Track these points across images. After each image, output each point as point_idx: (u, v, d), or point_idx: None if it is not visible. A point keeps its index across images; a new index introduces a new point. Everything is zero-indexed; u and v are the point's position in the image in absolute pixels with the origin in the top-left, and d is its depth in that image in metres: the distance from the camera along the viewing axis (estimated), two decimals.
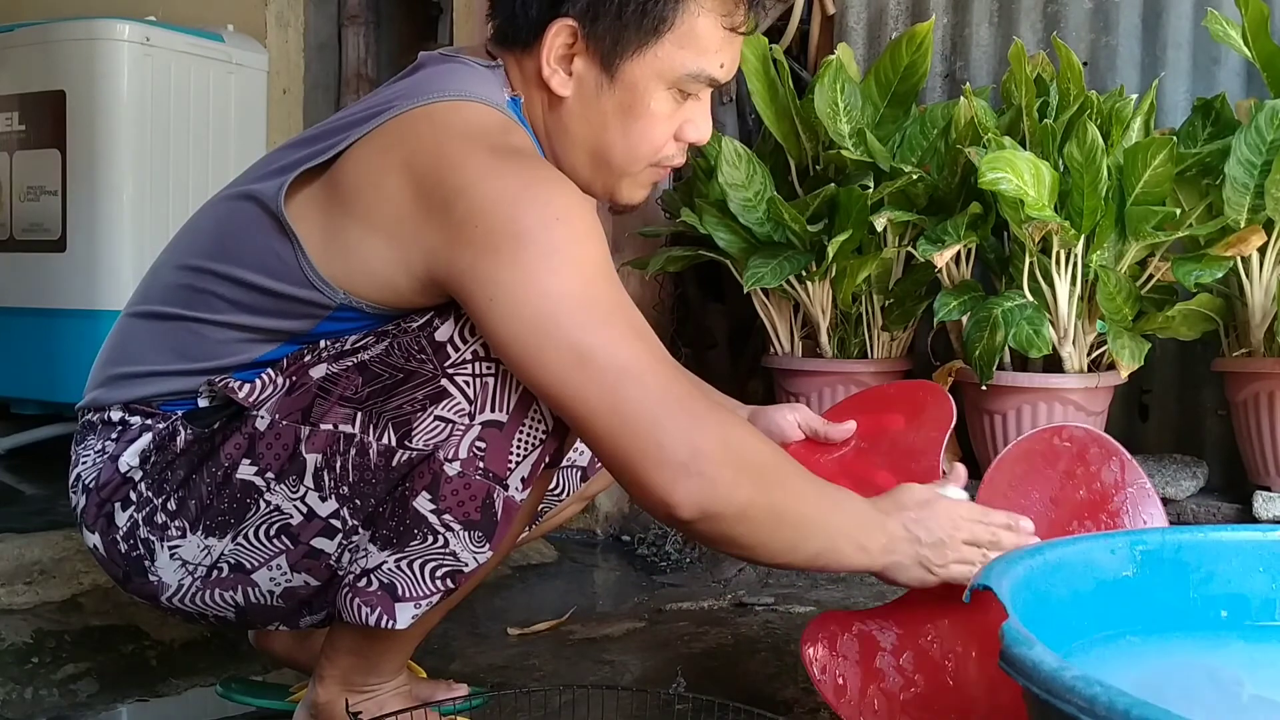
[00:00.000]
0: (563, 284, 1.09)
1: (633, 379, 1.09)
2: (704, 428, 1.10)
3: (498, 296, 1.09)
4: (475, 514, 1.17)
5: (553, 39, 1.23)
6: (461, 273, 1.11)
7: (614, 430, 1.10)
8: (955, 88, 2.54)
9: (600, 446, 1.12)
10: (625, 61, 1.23)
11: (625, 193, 1.32)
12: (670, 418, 1.09)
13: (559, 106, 1.27)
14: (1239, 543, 1.14)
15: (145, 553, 1.23)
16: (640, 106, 1.25)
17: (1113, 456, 1.32)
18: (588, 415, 1.10)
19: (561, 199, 1.12)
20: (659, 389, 1.10)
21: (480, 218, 1.10)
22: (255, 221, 1.21)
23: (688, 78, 1.25)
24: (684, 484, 1.09)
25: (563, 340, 1.09)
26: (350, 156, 1.18)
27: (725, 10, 1.24)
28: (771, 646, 1.73)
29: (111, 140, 2.83)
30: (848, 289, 2.25)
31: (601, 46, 1.23)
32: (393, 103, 1.20)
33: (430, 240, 1.13)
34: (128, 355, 1.29)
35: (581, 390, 1.09)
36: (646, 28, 1.22)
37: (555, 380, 1.10)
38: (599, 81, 1.24)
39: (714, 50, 1.25)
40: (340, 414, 1.17)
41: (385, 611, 1.18)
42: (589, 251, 1.11)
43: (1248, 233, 1.98)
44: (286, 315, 1.21)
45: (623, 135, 1.26)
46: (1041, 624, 0.88)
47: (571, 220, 1.11)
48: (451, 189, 1.12)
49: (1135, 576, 1.10)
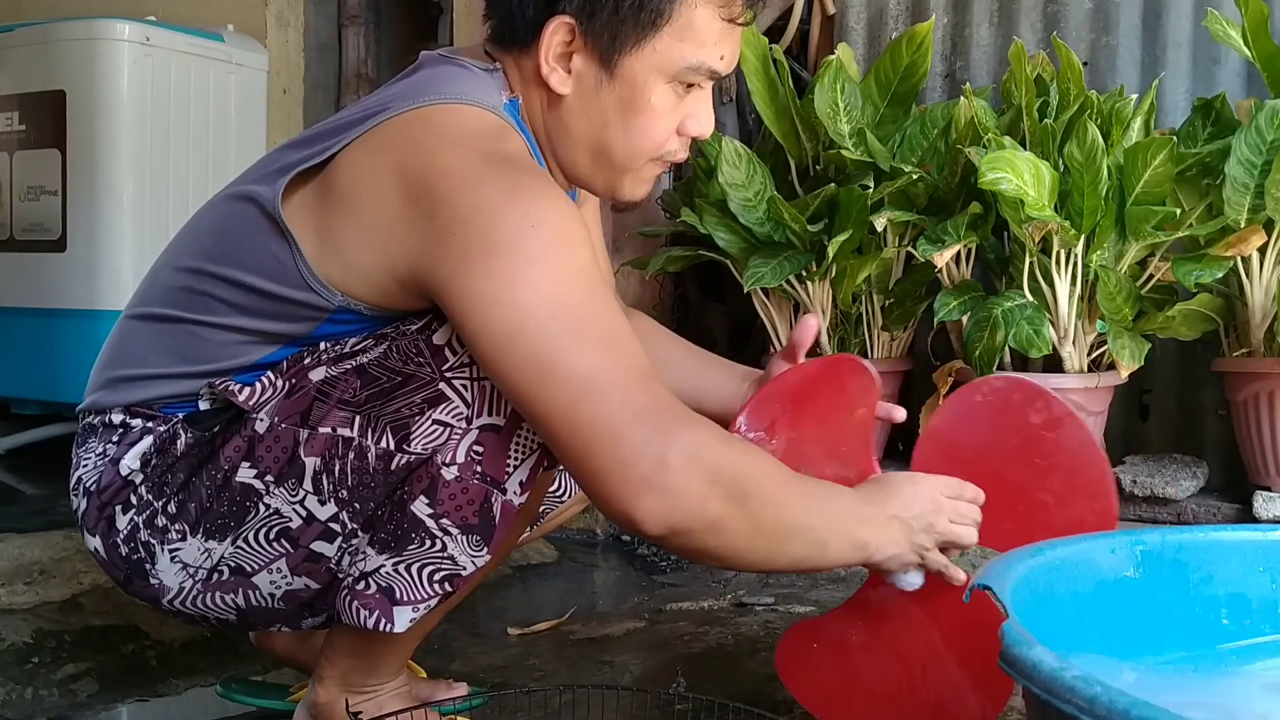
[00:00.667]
0: (531, 295, 1.07)
1: (593, 393, 1.06)
2: (670, 441, 1.06)
3: (471, 307, 1.09)
4: (473, 518, 1.17)
5: (550, 37, 1.22)
6: (441, 281, 1.10)
7: (576, 444, 1.08)
8: (955, 88, 2.54)
9: (565, 460, 1.11)
10: (624, 56, 1.22)
11: (628, 189, 1.31)
12: (631, 431, 1.06)
13: (559, 105, 1.26)
14: (1239, 543, 1.14)
15: (146, 556, 1.23)
16: (641, 101, 1.24)
17: (1037, 399, 1.32)
18: (551, 428, 1.09)
19: (541, 208, 1.10)
20: (620, 402, 1.06)
21: (459, 226, 1.09)
22: (253, 223, 1.21)
23: (688, 70, 1.24)
24: (647, 500, 1.06)
25: (526, 352, 1.07)
26: (344, 158, 1.18)
27: (723, 1, 1.23)
28: (771, 646, 1.72)
29: (111, 140, 2.82)
30: (848, 289, 2.25)
31: (600, 43, 1.22)
32: (388, 105, 1.20)
33: (414, 245, 1.12)
34: (128, 357, 1.28)
35: (544, 403, 1.08)
36: (644, 22, 1.21)
37: (521, 393, 1.09)
38: (598, 78, 1.23)
39: (713, 42, 1.24)
40: (339, 417, 1.17)
41: (383, 615, 1.18)
42: (564, 260, 1.09)
43: (1248, 233, 1.98)
44: (285, 318, 1.21)
45: (624, 131, 1.25)
46: (1041, 624, 0.88)
47: (547, 228, 1.09)
48: (437, 196, 1.11)
49: (1135, 576, 1.10)
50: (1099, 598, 1.08)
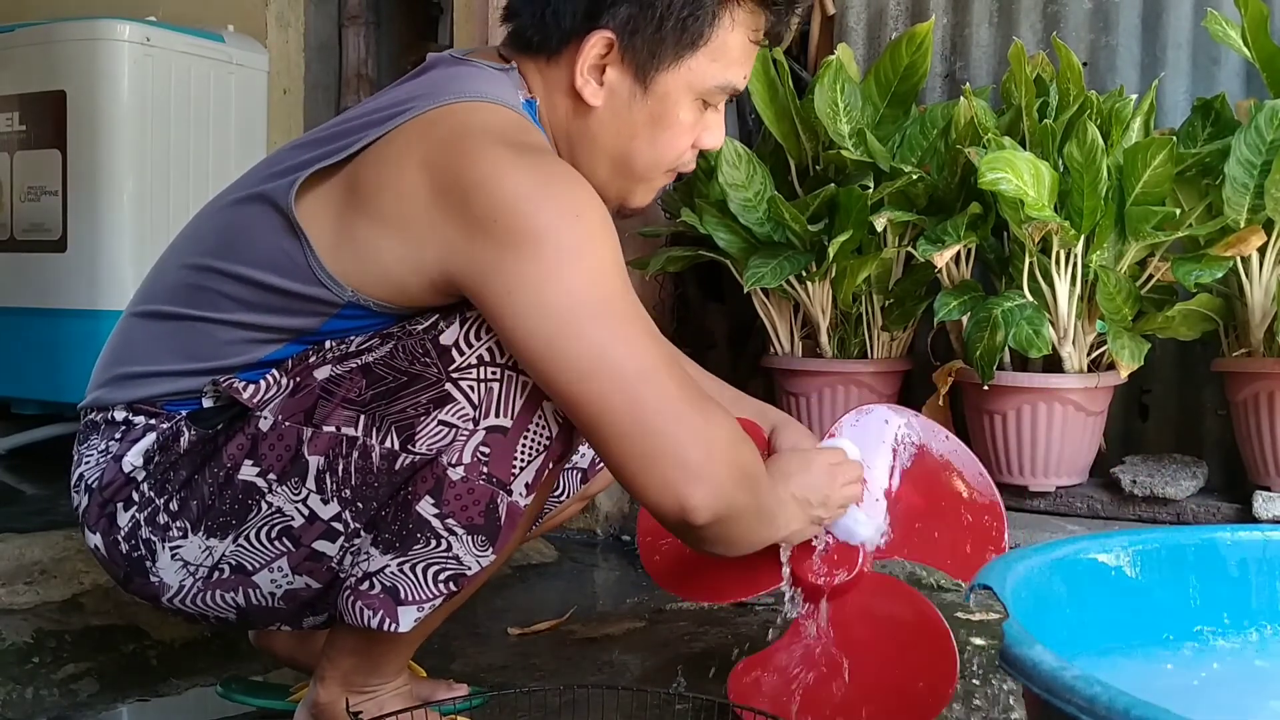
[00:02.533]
0: (583, 282, 1.10)
1: (650, 380, 1.10)
2: (715, 430, 1.13)
3: (516, 293, 1.10)
4: (479, 518, 1.17)
5: (589, 50, 1.24)
6: (479, 269, 1.11)
7: (630, 432, 1.10)
8: (955, 88, 2.54)
9: (612, 448, 1.13)
10: (660, 74, 1.25)
11: (639, 198, 1.35)
12: (687, 419, 1.11)
13: (587, 114, 1.28)
14: (1239, 543, 1.14)
15: (146, 553, 1.23)
16: (671, 117, 1.27)
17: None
18: (602, 416, 1.11)
19: (580, 196, 1.13)
20: (676, 390, 1.11)
21: (499, 213, 1.10)
22: (264, 220, 1.21)
23: (716, 89, 1.28)
24: (698, 487, 1.11)
25: (582, 339, 1.09)
26: (369, 155, 1.18)
27: (755, 25, 1.28)
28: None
29: (112, 140, 2.83)
30: (848, 289, 2.25)
31: (638, 58, 1.24)
32: (411, 103, 1.20)
33: (447, 235, 1.13)
34: (132, 355, 1.28)
35: (598, 390, 1.10)
36: (685, 42, 1.24)
37: (572, 379, 1.10)
38: (632, 92, 1.26)
39: (740, 62, 1.29)
40: (343, 416, 1.17)
41: (388, 614, 1.18)
42: (607, 250, 1.12)
43: (1247, 233, 1.99)
44: (293, 313, 1.21)
45: (650, 144, 1.29)
46: (1041, 624, 0.88)
47: (590, 218, 1.12)
48: (469, 184, 1.12)
49: (1135, 576, 1.10)
50: (1099, 597, 1.08)
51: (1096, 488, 2.26)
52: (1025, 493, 2.23)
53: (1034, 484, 2.21)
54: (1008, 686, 1.47)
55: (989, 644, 1.60)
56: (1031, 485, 2.22)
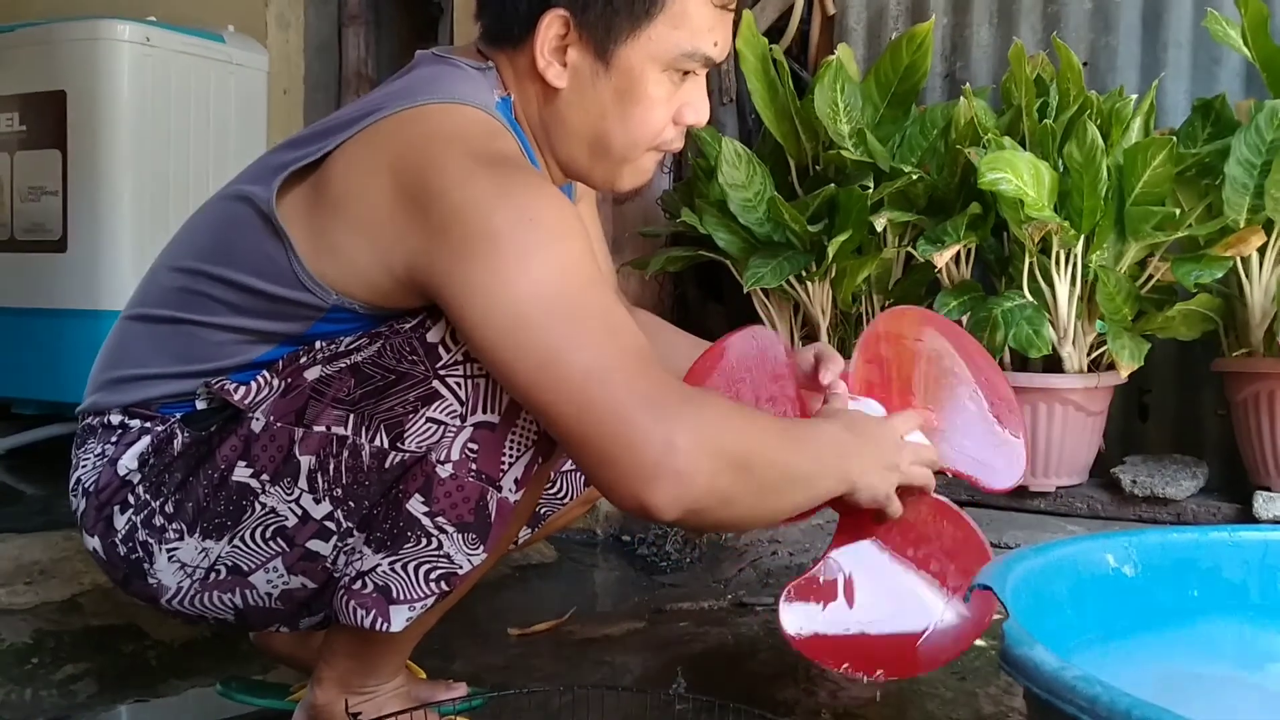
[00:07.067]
0: (532, 285, 1.08)
1: (597, 380, 1.07)
2: (675, 423, 1.07)
3: (471, 300, 1.09)
4: (469, 516, 1.17)
5: (545, 31, 1.22)
6: (439, 276, 1.11)
7: (583, 434, 1.08)
8: (955, 88, 2.54)
9: (573, 452, 1.11)
10: (619, 47, 1.23)
11: (627, 180, 1.32)
12: (638, 417, 1.06)
13: (555, 99, 1.26)
14: (1239, 543, 1.14)
15: (144, 555, 1.23)
16: (638, 91, 1.25)
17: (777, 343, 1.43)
18: (557, 419, 1.09)
19: (536, 200, 1.11)
20: (625, 387, 1.07)
21: (456, 221, 1.10)
22: (248, 223, 1.21)
23: (683, 58, 1.24)
24: (659, 486, 1.06)
25: (529, 342, 1.07)
26: (338, 157, 1.18)
27: None
28: (771, 646, 1.73)
29: (112, 140, 2.83)
30: (848, 289, 2.25)
31: (594, 34, 1.22)
32: (382, 105, 1.20)
33: (410, 242, 1.12)
34: (126, 358, 1.28)
35: (547, 393, 1.08)
36: (638, 11, 1.22)
37: (525, 383, 1.09)
38: (594, 69, 1.24)
39: (706, 28, 1.25)
40: (333, 416, 1.17)
41: (380, 614, 1.18)
42: (561, 251, 1.10)
43: (1247, 233, 1.99)
44: (280, 317, 1.21)
45: (621, 121, 1.26)
46: (1041, 624, 0.88)
47: (544, 220, 1.10)
48: (432, 192, 1.11)
49: (1135, 576, 1.10)
50: (1099, 598, 1.08)
51: (1096, 488, 2.26)
52: (1025, 493, 2.23)
53: (1034, 484, 2.21)
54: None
55: (989, 644, 1.60)
56: (1032, 485, 2.22)
